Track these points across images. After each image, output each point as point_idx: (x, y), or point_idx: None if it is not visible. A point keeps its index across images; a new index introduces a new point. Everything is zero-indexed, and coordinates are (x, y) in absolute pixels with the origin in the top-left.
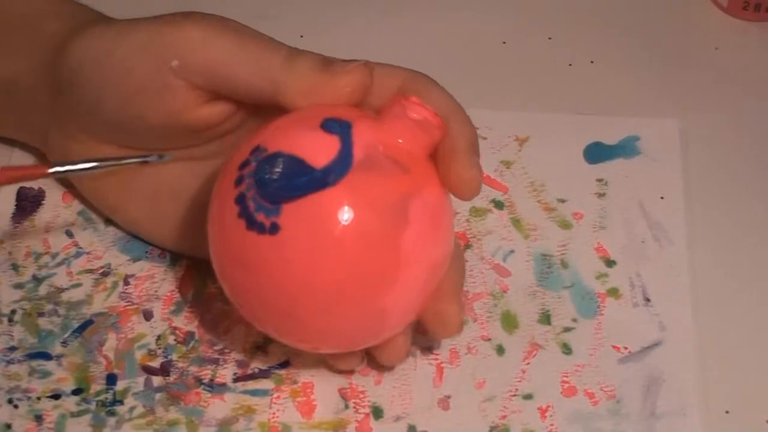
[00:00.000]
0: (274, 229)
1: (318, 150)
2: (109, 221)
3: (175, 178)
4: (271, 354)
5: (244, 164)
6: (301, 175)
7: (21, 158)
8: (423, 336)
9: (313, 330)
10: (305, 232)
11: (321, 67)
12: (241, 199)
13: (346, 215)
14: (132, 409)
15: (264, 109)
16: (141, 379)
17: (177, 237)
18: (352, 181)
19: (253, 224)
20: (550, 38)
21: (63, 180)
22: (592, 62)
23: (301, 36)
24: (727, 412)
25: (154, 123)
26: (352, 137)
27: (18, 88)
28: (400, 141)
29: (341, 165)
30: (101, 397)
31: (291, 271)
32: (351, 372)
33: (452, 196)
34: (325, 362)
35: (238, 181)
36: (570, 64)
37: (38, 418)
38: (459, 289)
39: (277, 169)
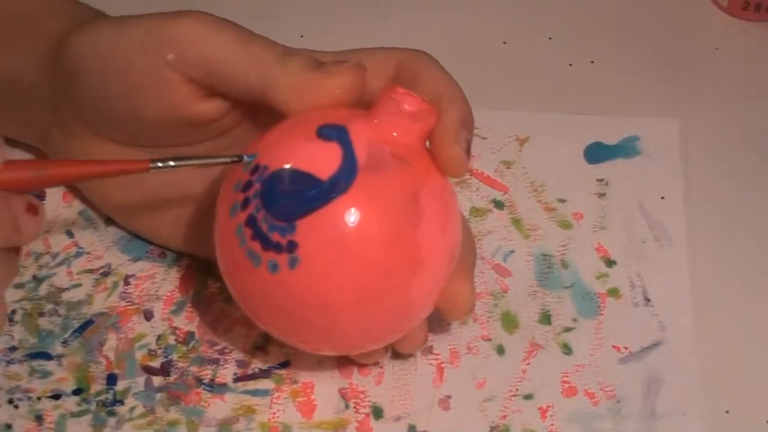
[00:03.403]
0: (292, 247)
1: (321, 160)
2: (109, 221)
3: (177, 177)
4: (271, 354)
5: (247, 186)
6: (310, 189)
7: (24, 150)
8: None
9: (346, 336)
10: (324, 244)
11: (312, 67)
12: (252, 222)
13: (361, 220)
14: (132, 409)
15: (261, 107)
16: (141, 379)
17: (178, 237)
18: (360, 186)
19: (269, 245)
20: (550, 38)
21: None
22: (592, 62)
23: (302, 36)
24: (727, 412)
25: (152, 118)
26: (351, 140)
27: (18, 87)
28: (394, 134)
29: (347, 171)
30: (101, 397)
31: (316, 286)
32: (374, 364)
33: None
34: (348, 358)
35: (245, 204)
36: (570, 64)
37: (38, 419)
38: (470, 269)
39: (284, 187)
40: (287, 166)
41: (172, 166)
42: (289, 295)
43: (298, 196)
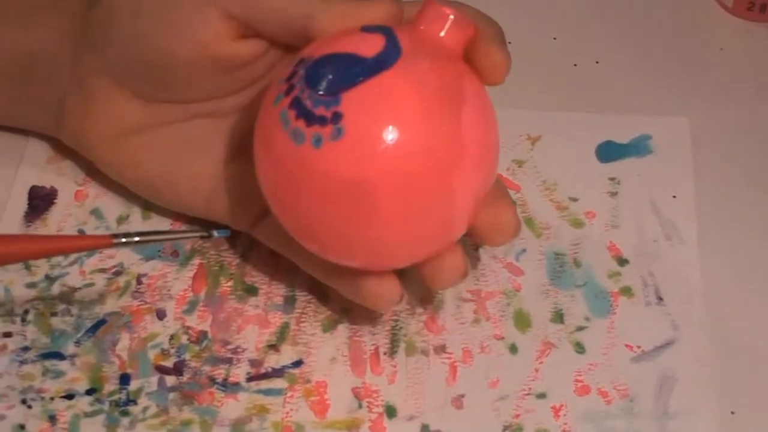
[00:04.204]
0: (336, 118)
1: (365, 45)
2: (121, 220)
3: (198, 135)
4: (284, 353)
5: (291, 76)
6: (355, 65)
7: (36, 149)
8: (434, 335)
9: (382, 226)
10: (368, 116)
11: None
12: (296, 103)
13: (405, 95)
14: (145, 409)
15: (293, 53)
16: (154, 379)
17: (195, 197)
18: (405, 65)
19: (313, 120)
20: (554, 38)
21: (75, 178)
22: (597, 62)
23: None
24: (733, 412)
25: (185, 59)
26: (396, 34)
27: (38, 60)
28: (441, 35)
29: (391, 52)
30: (115, 397)
31: (358, 158)
32: (391, 311)
33: None
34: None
35: (289, 90)
36: (575, 65)
37: (52, 419)
38: (507, 193)
39: (329, 66)
40: (333, 52)
41: (137, 242)
42: (329, 169)
43: (343, 71)
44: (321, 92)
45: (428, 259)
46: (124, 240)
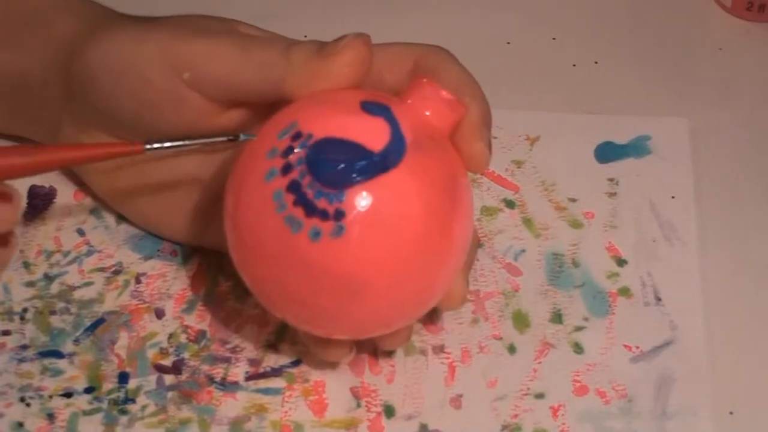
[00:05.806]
0: (339, 215)
1: (370, 133)
2: (120, 219)
3: (191, 167)
4: (282, 352)
5: (287, 151)
6: (361, 159)
7: None
8: (433, 335)
9: (366, 315)
10: (370, 216)
11: (315, 53)
12: (294, 187)
13: (409, 196)
14: (144, 407)
15: (280, 105)
16: (153, 378)
17: (189, 228)
18: (410, 163)
19: (314, 211)
20: (554, 39)
21: (74, 178)
22: (596, 63)
23: (305, 36)
24: (732, 412)
25: (169, 129)
26: (397, 119)
27: (29, 84)
28: (427, 113)
29: (397, 147)
30: (113, 396)
31: (355, 257)
32: (336, 365)
33: None
34: (309, 353)
35: (286, 169)
36: (574, 65)
37: (50, 417)
38: (469, 265)
39: (334, 155)
40: (333, 135)
41: (168, 147)
42: (325, 264)
43: (350, 165)
44: (324, 183)
45: None
46: (156, 145)
